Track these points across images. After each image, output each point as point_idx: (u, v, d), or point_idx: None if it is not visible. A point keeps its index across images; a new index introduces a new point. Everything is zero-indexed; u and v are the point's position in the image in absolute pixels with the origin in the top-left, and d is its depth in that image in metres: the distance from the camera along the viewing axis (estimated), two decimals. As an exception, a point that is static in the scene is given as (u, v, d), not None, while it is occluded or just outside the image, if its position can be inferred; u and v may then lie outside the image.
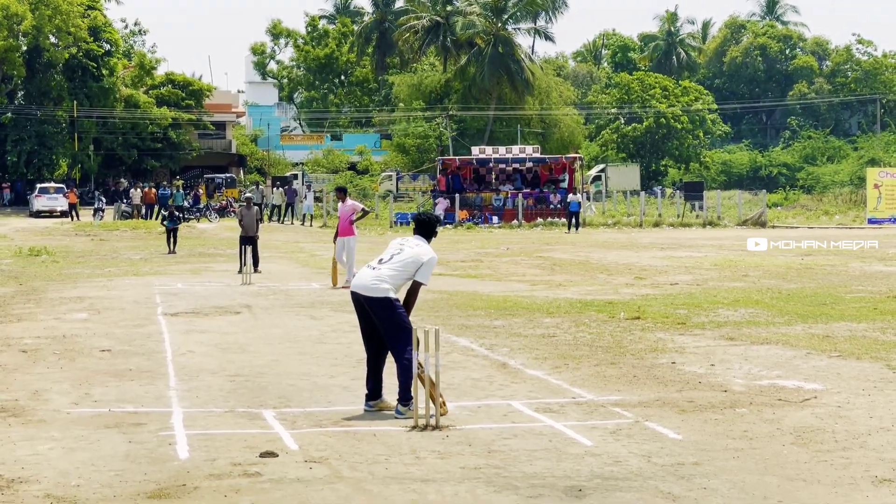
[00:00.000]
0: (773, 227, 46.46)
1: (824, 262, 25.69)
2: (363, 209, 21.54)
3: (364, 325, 9.38)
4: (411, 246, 9.30)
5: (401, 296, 9.30)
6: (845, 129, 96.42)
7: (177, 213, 31.10)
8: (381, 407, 9.28)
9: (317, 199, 53.82)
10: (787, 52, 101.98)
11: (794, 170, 79.30)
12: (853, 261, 26.30)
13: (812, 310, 16.11)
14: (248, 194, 28.84)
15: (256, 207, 25.34)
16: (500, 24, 75.22)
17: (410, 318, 9.25)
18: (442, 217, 46.70)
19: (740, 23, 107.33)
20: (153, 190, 54.13)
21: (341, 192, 21.84)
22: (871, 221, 48.32)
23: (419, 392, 8.82)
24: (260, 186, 59.94)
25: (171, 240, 29.44)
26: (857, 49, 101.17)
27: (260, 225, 24.16)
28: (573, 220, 43.17)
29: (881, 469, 7.40)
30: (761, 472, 7.36)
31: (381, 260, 9.29)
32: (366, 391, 9.40)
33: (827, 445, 8.05)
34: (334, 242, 20.84)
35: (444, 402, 8.95)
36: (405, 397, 9.00)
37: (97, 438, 8.36)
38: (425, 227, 9.53)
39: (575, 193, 45.20)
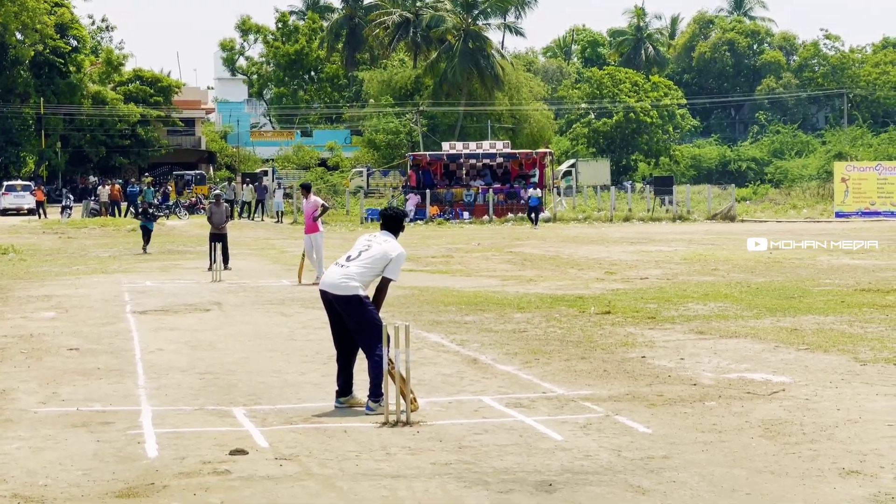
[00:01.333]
0: (742, 221, 46.72)
1: (793, 256, 25.86)
2: (322, 204, 21.36)
3: (334, 322, 9.37)
4: (379, 242, 9.27)
5: (370, 291, 9.29)
6: (813, 124, 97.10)
7: (151, 211, 30.65)
8: (351, 403, 9.27)
9: (287, 196, 53.72)
10: (755, 47, 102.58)
11: (763, 164, 79.76)
12: (821, 254, 26.49)
13: (780, 303, 16.21)
14: (217, 191, 28.66)
15: (226, 204, 25.24)
16: (470, 20, 75.22)
17: (381, 315, 9.24)
18: (413, 213, 46.74)
19: (708, 18, 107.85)
20: (118, 187, 53.80)
21: (305, 189, 21.78)
22: (838, 215, 48.68)
23: (390, 388, 8.82)
24: (232, 183, 59.72)
25: (146, 238, 28.85)
26: (825, 44, 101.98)
27: (229, 221, 24.08)
28: (533, 214, 43.14)
29: (848, 461, 7.46)
30: (730, 465, 7.40)
31: (349, 257, 9.26)
32: (336, 388, 9.38)
33: (795, 438, 8.10)
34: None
35: (414, 398, 8.94)
36: (375, 394, 8.98)
37: (65, 438, 8.30)
38: (392, 222, 9.50)
39: (535, 189, 44.98)
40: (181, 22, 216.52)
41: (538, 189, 44.83)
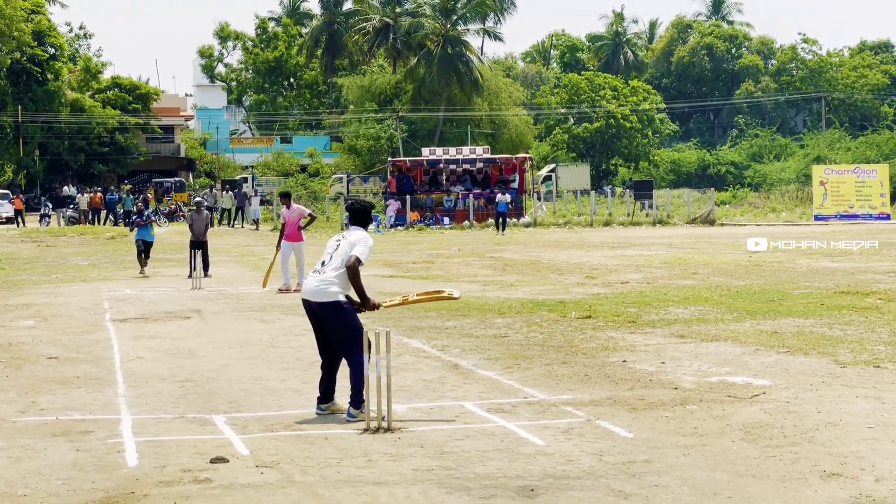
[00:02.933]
0: (722, 224, 46.89)
1: (772, 259, 25.96)
2: (310, 214, 21.23)
3: (317, 329, 9.36)
4: (346, 237, 9.30)
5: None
6: (791, 128, 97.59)
7: (147, 213, 25.98)
8: (332, 410, 9.25)
9: (264, 203, 53.67)
10: (734, 51, 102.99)
11: (742, 168, 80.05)
12: (800, 257, 26.61)
13: (760, 306, 16.27)
14: (198, 199, 28.32)
15: (207, 212, 25.13)
16: (449, 26, 75.29)
17: (362, 320, 9.23)
18: (393, 219, 46.74)
19: (687, 23, 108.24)
20: (99, 194, 53.59)
21: (285, 198, 21.53)
22: (817, 218, 48.93)
23: (371, 393, 8.80)
24: (213, 190, 59.58)
25: (144, 257, 24.05)
26: (802, 48, 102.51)
27: (209, 229, 24.01)
28: (500, 220, 42.78)
29: (829, 463, 7.48)
30: (711, 469, 7.41)
31: (323, 262, 9.26)
32: (318, 394, 9.37)
33: (776, 441, 8.12)
34: (277, 248, 20.63)
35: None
36: (357, 401, 8.97)
37: (44, 447, 8.25)
38: (359, 215, 9.49)
39: (504, 194, 44.79)
40: (159, 29, 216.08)
41: (507, 195, 44.55)
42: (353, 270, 9.06)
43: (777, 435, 8.30)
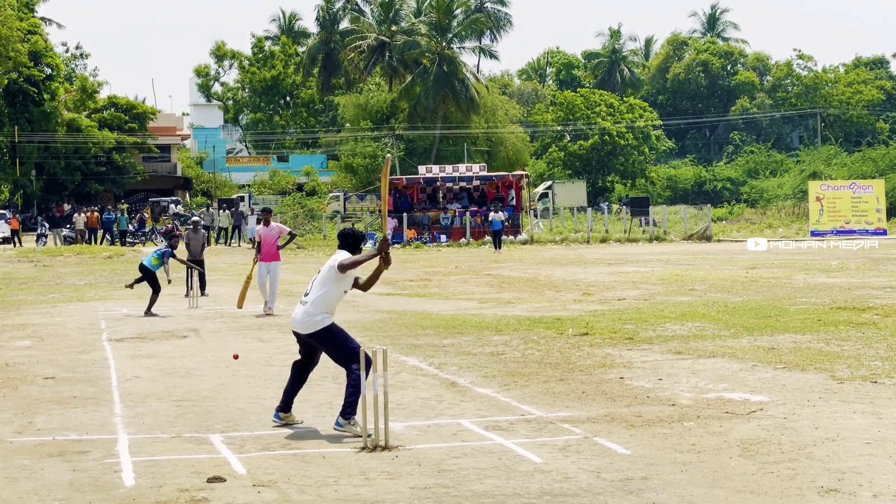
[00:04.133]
0: (719, 241, 46.92)
1: (769, 275, 25.98)
2: (290, 232, 20.32)
3: (304, 351, 9.67)
4: (325, 263, 9.49)
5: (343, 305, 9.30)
6: (787, 143, 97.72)
7: (169, 229, 23.79)
8: (289, 420, 9.52)
9: (259, 221, 53.66)
10: (729, 67, 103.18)
11: (738, 184, 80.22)
12: (797, 273, 26.63)
13: (757, 322, 16.28)
14: (195, 217, 27.99)
15: (204, 231, 25.07)
16: (444, 44, 75.48)
17: (359, 339, 9.27)
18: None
19: (682, 40, 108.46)
20: (96, 214, 53.59)
21: (266, 213, 20.80)
22: (813, 234, 48.97)
23: (369, 411, 8.79)
24: (210, 209, 59.58)
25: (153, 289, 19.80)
26: (798, 64, 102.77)
27: (205, 248, 23.96)
28: (496, 239, 42.74)
29: (827, 479, 7.48)
30: (709, 485, 7.41)
31: (306, 293, 9.48)
32: (280, 403, 9.64)
33: (773, 457, 8.12)
34: (254, 262, 19.67)
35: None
36: (348, 412, 9.04)
37: (41, 467, 8.23)
38: (346, 240, 9.64)
39: (498, 212, 44.74)
40: (156, 49, 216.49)
41: (500, 213, 44.50)
42: (343, 269, 9.29)
43: (775, 451, 8.29)
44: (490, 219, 44.05)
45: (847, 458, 8.05)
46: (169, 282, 18.62)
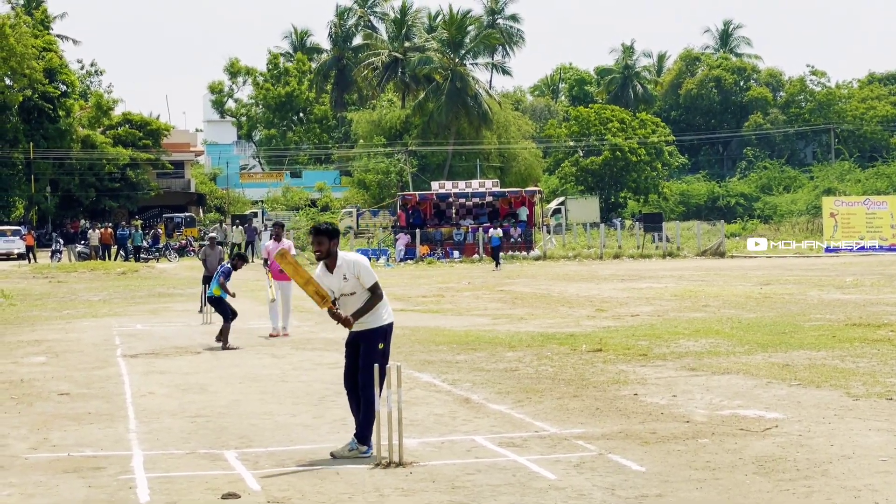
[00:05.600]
0: (732, 256, 46.82)
1: (783, 291, 25.90)
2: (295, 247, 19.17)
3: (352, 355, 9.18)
4: (347, 262, 9.10)
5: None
6: (800, 159, 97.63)
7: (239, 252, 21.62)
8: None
9: (272, 237, 53.83)
10: (742, 83, 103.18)
11: (752, 200, 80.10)
12: (811, 289, 26.54)
13: (772, 339, 16.22)
14: (212, 234, 27.90)
15: (220, 247, 25.10)
16: (457, 60, 75.66)
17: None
18: (402, 253, 46.79)
19: (695, 55, 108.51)
20: (110, 230, 53.80)
21: (278, 228, 19.97)
22: (827, 250, 48.84)
23: (383, 428, 8.78)
24: (224, 225, 59.75)
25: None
26: (811, 80, 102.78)
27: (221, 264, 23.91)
28: (495, 255, 41.80)
29: (843, 497, 7.44)
30: (725, 503, 7.37)
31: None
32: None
33: (789, 474, 8.08)
34: (271, 281, 18.59)
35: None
36: (363, 436, 8.87)
37: (56, 484, 8.24)
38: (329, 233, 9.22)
39: (496, 229, 44.18)
40: (170, 65, 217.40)
41: (499, 229, 44.01)
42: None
43: (790, 468, 8.26)
44: (489, 235, 43.54)
45: (863, 475, 8.00)
46: (233, 296, 17.84)
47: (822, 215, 52.31)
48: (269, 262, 19.08)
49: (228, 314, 17.07)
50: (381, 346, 9.00)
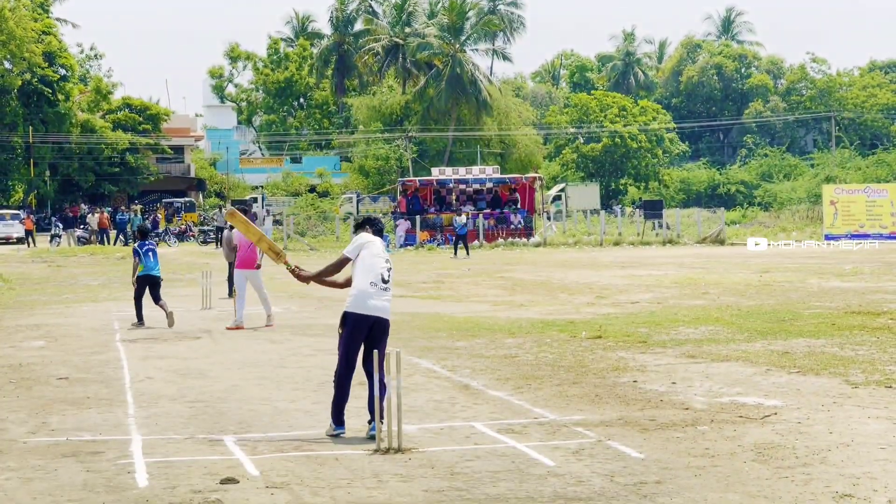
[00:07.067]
0: (732, 244, 46.82)
1: (783, 279, 25.91)
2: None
3: (367, 344, 9.29)
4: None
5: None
6: (801, 147, 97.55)
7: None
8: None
9: (276, 223, 53.84)
10: (743, 70, 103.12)
11: (752, 187, 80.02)
12: (811, 277, 26.55)
13: (771, 326, 16.23)
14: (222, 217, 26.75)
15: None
16: (457, 46, 75.54)
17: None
18: (402, 239, 46.79)
19: (696, 42, 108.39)
20: (107, 214, 53.77)
21: (244, 211, 19.21)
22: (827, 238, 48.80)
23: (383, 414, 8.80)
24: (223, 210, 59.68)
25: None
26: (812, 67, 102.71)
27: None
28: (460, 243, 40.55)
29: (841, 484, 7.45)
30: (723, 490, 7.39)
31: (385, 280, 9.27)
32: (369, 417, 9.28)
33: (788, 462, 8.09)
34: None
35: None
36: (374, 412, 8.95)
37: (55, 468, 8.25)
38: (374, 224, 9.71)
39: (462, 216, 42.58)
40: (170, 50, 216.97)
41: (462, 216, 42.14)
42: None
43: (789, 456, 8.27)
44: (454, 223, 42.09)
45: (862, 463, 8.02)
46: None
47: (823, 203, 52.26)
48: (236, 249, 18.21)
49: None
50: (341, 329, 9.26)
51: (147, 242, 18.09)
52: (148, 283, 17.82)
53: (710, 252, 41.10)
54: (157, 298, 17.77)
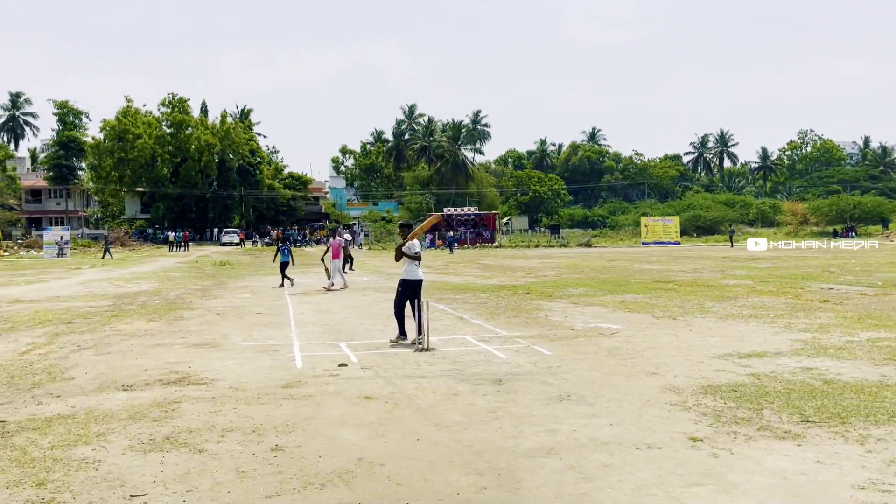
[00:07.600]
0: (595, 247, 46.45)
1: (620, 265, 25.71)
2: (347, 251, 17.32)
3: (412, 295, 9.03)
4: (412, 243, 9.16)
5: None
6: (630, 198, 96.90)
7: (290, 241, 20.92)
8: (401, 342, 8.99)
9: (366, 235, 53.65)
10: (601, 159, 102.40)
11: (605, 217, 79.53)
12: (634, 263, 26.35)
13: (614, 288, 16.13)
14: (346, 234, 25.06)
15: (348, 237, 23.13)
16: (456, 146, 75.24)
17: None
18: (428, 244, 46.51)
19: (577, 145, 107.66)
20: (280, 231, 53.50)
21: (334, 230, 18.97)
22: (644, 244, 48.49)
23: (421, 328, 8.74)
24: (339, 229, 59.41)
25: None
26: (635, 157, 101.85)
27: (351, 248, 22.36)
28: (450, 246, 39.98)
29: (651, 368, 7.42)
30: (591, 370, 7.36)
31: (419, 259, 9.09)
32: (404, 332, 9.01)
33: (623, 357, 8.05)
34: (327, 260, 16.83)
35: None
36: (419, 331, 8.79)
37: (255, 358, 8.25)
38: (405, 227, 9.34)
39: (449, 233, 41.11)
40: (312, 146, 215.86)
41: (451, 232, 40.12)
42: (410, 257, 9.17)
43: (624, 353, 8.23)
44: (448, 237, 40.28)
45: (661, 358, 7.98)
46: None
47: (641, 225, 51.95)
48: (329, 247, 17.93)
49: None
50: (399, 289, 9.03)
51: (285, 245, 18.52)
52: (282, 264, 18.12)
53: (584, 251, 40.84)
54: (282, 272, 17.95)
